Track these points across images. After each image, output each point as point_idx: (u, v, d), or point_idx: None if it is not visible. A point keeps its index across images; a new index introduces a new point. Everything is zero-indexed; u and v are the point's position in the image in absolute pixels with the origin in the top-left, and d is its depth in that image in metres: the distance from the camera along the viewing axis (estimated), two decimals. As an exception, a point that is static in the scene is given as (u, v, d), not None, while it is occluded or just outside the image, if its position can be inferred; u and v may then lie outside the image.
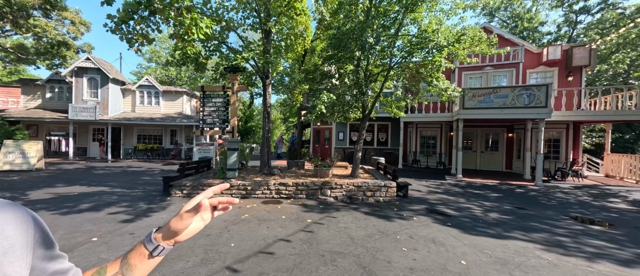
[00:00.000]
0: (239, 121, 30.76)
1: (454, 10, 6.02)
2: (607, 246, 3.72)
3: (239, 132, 32.39)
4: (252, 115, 33.37)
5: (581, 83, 10.55)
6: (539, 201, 6.52)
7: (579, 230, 4.44)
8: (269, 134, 7.39)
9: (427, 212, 5.19)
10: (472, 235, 4.00)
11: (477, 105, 9.38)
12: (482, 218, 4.91)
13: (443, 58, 5.74)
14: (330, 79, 5.99)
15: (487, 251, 3.40)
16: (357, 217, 4.65)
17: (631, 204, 6.52)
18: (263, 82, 7.30)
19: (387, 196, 6.02)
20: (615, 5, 14.10)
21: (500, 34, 11.86)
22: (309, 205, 5.32)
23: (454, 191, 7.46)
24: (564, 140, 10.68)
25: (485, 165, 12.22)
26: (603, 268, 3.06)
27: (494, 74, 11.42)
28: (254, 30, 6.95)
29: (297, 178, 6.40)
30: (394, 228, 4.11)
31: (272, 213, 4.61)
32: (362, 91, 5.54)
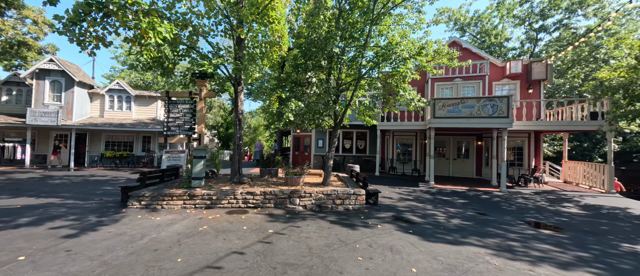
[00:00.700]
0: (220, 127, 29.99)
1: (419, 24, 6.32)
2: (551, 250, 3.94)
3: (220, 139, 31.54)
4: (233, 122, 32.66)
5: (540, 95, 11.40)
6: (500, 207, 6.84)
7: (531, 234, 4.68)
8: (240, 142, 7.24)
9: (393, 219, 5.26)
10: (431, 241, 4.09)
11: (446, 114, 9.80)
12: (444, 225, 5.05)
13: (409, 69, 5.97)
14: (301, 87, 6.02)
15: (441, 257, 3.48)
16: (321, 226, 4.60)
17: (582, 208, 7.01)
18: (235, 88, 7.19)
19: (356, 204, 6.04)
20: (568, 26, 15.63)
21: (468, 47, 12.61)
22: (275, 215, 5.21)
23: (424, 198, 7.64)
24: (526, 148, 11.40)
25: (457, 172, 12.70)
26: (543, 271, 3.22)
27: (463, 85, 12.05)
28: (226, 36, 6.88)
29: (267, 186, 6.27)
30: (355, 237, 4.11)
31: (234, 224, 4.45)
32: (332, 99, 5.60)
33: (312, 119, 6.45)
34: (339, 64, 5.82)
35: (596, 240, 4.53)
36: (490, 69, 11.97)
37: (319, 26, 5.11)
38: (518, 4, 17.03)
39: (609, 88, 7.46)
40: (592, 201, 7.84)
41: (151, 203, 5.31)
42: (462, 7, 19.32)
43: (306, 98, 6.25)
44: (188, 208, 5.34)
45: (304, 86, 5.94)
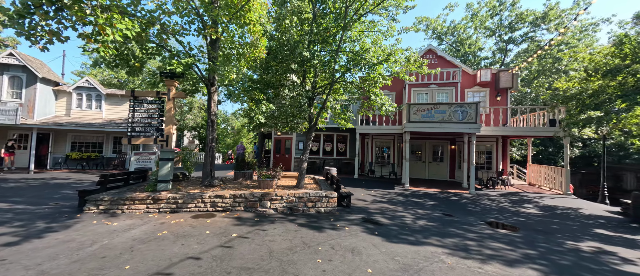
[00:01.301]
0: (201, 128, 29.10)
1: (390, 32, 6.54)
2: (503, 248, 4.19)
3: (201, 140, 30.57)
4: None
5: (507, 103, 12.12)
6: (466, 208, 7.16)
7: (488, 234, 4.95)
8: (213, 144, 7.08)
9: (362, 221, 5.35)
10: (394, 242, 4.20)
11: (421, 119, 10.16)
12: (410, 226, 5.21)
13: (381, 75, 6.15)
14: (273, 89, 6.00)
15: (399, 258, 3.59)
16: (289, 229, 4.59)
17: (539, 209, 7.50)
18: (208, 89, 7.04)
19: (328, 207, 6.08)
20: (533, 39, 16.89)
21: (442, 55, 13.20)
22: (243, 218, 5.12)
23: (397, 200, 7.84)
24: (495, 152, 12.05)
25: (432, 175, 13.16)
26: (491, 268, 3.42)
27: (438, 91, 12.57)
28: (199, 36, 6.73)
29: (239, 189, 6.16)
30: (320, 239, 4.14)
31: (197, 228, 4.33)
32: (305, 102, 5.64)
33: (285, 122, 6.45)
34: (312, 68, 5.89)
35: (545, 238, 4.87)
36: (462, 77, 12.58)
37: (286, 30, 5.14)
38: (489, 16, 18.16)
39: (564, 97, 8.09)
40: (550, 202, 8.42)
41: (110, 207, 5.03)
42: (440, 16, 20.31)
43: (279, 101, 6.24)
44: (151, 213, 5.13)
45: (276, 88, 5.93)
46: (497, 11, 18.03)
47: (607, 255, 4.11)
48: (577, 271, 3.44)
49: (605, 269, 3.59)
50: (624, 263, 3.81)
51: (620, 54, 7.11)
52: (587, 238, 4.95)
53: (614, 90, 7.18)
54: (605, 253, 4.22)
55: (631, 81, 6.99)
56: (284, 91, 6.03)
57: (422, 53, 13.56)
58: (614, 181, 24.19)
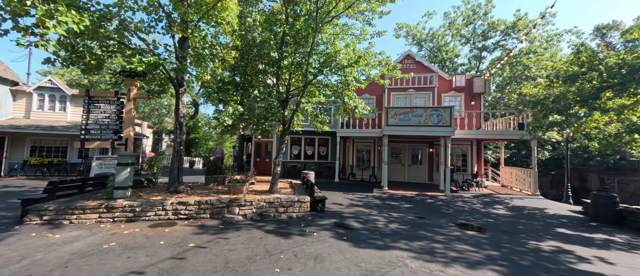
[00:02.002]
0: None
1: (364, 35, 6.57)
2: (468, 250, 4.21)
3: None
4: (197, 126, 30.75)
5: (481, 107, 12.60)
6: (440, 210, 7.24)
7: (456, 236, 4.98)
8: (181, 147, 6.73)
9: (333, 226, 5.22)
10: (361, 247, 4.10)
11: (398, 122, 10.29)
12: (381, 230, 5.15)
13: (354, 78, 6.13)
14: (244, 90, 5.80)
15: (362, 264, 3.48)
16: (254, 236, 4.37)
17: (508, 209, 7.74)
18: (176, 90, 6.71)
19: (300, 212, 5.91)
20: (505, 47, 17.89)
21: (420, 61, 13.55)
22: (207, 226, 4.84)
23: (373, 203, 7.81)
24: (469, 155, 12.43)
25: (412, 177, 13.35)
26: (452, 271, 3.39)
27: (416, 95, 12.85)
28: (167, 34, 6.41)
29: (206, 195, 5.85)
30: (285, 246, 3.96)
31: (151, 239, 4.01)
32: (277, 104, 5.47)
33: (256, 124, 6.24)
34: (283, 69, 5.76)
35: (510, 238, 4.97)
36: (439, 82, 12.96)
37: (250, 28, 5.00)
38: (464, 25, 19.02)
39: (530, 102, 8.48)
40: (519, 203, 8.74)
41: (56, 218, 4.57)
42: (420, 23, 21.00)
43: (249, 102, 6.04)
44: (104, 223, 4.71)
45: (246, 90, 5.73)
46: (471, 20, 18.94)
47: (565, 254, 4.24)
48: (534, 271, 3.49)
49: (561, 268, 3.67)
50: (579, 262, 3.94)
51: (577, 62, 7.57)
52: (548, 238, 5.11)
53: (573, 95, 7.61)
54: (563, 252, 4.36)
55: (588, 87, 7.45)
56: (254, 93, 5.84)
57: (401, 58, 13.86)
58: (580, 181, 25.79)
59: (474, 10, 18.63)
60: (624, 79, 6.64)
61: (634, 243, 5.01)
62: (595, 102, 7.02)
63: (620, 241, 5.14)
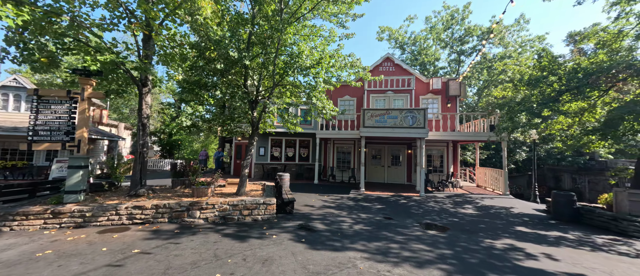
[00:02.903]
0: (161, 133, 27.19)
1: (332, 37, 6.60)
2: (423, 250, 4.25)
3: (162, 146, 28.52)
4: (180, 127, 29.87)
5: (456, 109, 12.93)
6: (410, 211, 7.32)
7: (416, 235, 5.03)
8: (144, 149, 6.50)
9: (296, 228, 5.17)
10: (317, 249, 4.06)
11: (374, 124, 10.40)
12: (344, 231, 5.13)
13: (320, 78, 6.13)
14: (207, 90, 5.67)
15: (311, 266, 3.44)
16: (208, 241, 4.25)
17: (477, 209, 7.92)
18: (139, 90, 6.49)
19: (266, 214, 5.82)
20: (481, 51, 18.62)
21: (399, 63, 13.79)
22: (162, 231, 4.67)
23: (346, 204, 7.80)
24: (446, 156, 12.72)
25: (391, 179, 13.50)
26: (399, 271, 3.40)
27: (394, 97, 13.05)
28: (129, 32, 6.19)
29: (166, 199, 5.66)
30: (237, 250, 3.86)
31: (94, 246, 3.82)
32: (238, 106, 5.38)
33: (222, 125, 6.11)
34: (248, 70, 5.67)
35: (468, 237, 5.07)
36: (416, 84, 13.22)
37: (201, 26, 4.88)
38: (443, 30, 19.61)
39: (497, 105, 8.77)
40: (488, 202, 8.97)
41: (-6, 224, 4.28)
42: (402, 27, 21.47)
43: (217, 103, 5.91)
44: (49, 229, 4.46)
45: (209, 90, 5.61)
46: (449, 25, 19.54)
47: (515, 251, 4.36)
48: (478, 269, 3.57)
49: (506, 265, 3.77)
50: (526, 259, 4.06)
51: (539, 67, 7.90)
52: (505, 236, 5.25)
53: (536, 98, 7.93)
54: (514, 249, 4.48)
55: (549, 90, 7.78)
56: (216, 93, 5.73)
57: (381, 61, 14.06)
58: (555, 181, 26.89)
59: (453, 16, 19.25)
60: (580, 83, 6.98)
61: (584, 240, 5.23)
62: (554, 105, 7.34)
63: (572, 238, 5.35)
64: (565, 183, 25.26)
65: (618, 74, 6.55)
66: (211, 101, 6.01)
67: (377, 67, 14.09)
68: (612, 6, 7.15)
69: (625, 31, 7.16)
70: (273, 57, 5.77)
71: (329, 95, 14.30)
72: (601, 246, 4.87)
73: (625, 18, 7.06)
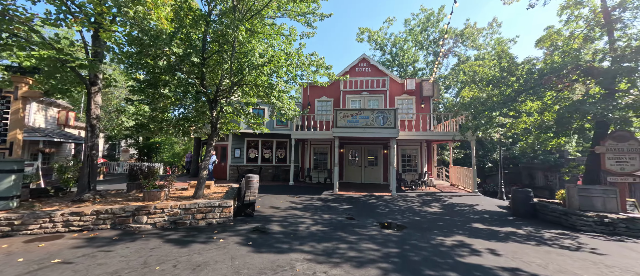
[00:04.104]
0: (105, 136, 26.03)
1: (294, 36, 6.52)
2: (370, 249, 4.20)
3: (141, 148, 27.43)
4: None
5: (430, 109, 13.17)
6: (375, 211, 7.31)
7: (371, 235, 4.99)
8: (94, 152, 6.13)
9: (250, 231, 5.00)
10: (261, 252, 3.93)
11: (347, 124, 10.39)
12: (299, 232, 5.02)
13: (280, 79, 6.02)
14: (155, 88, 5.42)
15: (245, 270, 3.30)
16: (146, 247, 4.01)
17: (442, 207, 8.03)
18: (88, 89, 6.13)
19: (222, 217, 5.62)
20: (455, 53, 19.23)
21: (375, 64, 13.92)
22: (100, 237, 4.38)
23: (314, 205, 7.70)
24: (420, 155, 12.91)
25: (368, 179, 13.55)
26: (336, 272, 3.33)
27: (369, 98, 13.14)
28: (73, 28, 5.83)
29: (112, 203, 5.35)
30: (172, 256, 3.66)
31: (11, 256, 3.51)
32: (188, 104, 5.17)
33: (175, 126, 5.87)
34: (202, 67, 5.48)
35: (421, 235, 5.09)
36: (391, 85, 13.38)
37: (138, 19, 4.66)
38: (419, 32, 20.09)
39: (462, 105, 8.97)
40: (456, 200, 9.13)
41: None
42: (382, 29, 21.80)
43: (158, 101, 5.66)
44: (-33, 239, 4.07)
45: (157, 88, 5.37)
46: (425, 27, 20.05)
47: (462, 248, 4.40)
48: (417, 267, 3.55)
49: (447, 261, 3.78)
50: (470, 255, 4.09)
51: (499, 67, 8.16)
52: (459, 233, 5.31)
53: (497, 98, 8.17)
54: (462, 246, 4.53)
55: (508, 90, 8.04)
56: (164, 92, 5.49)
57: (357, 61, 14.14)
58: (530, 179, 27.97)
59: (428, 18, 19.77)
60: (536, 83, 7.25)
61: (533, 235, 5.37)
62: (512, 104, 7.58)
63: (522, 233, 5.49)
64: (539, 180, 26.31)
65: (569, 74, 6.84)
66: (165, 100, 5.76)
67: (354, 68, 14.16)
68: (563, 10, 7.49)
69: (576, 34, 7.52)
70: (230, 56, 5.61)
71: (306, 95, 14.23)
72: (547, 240, 5.02)
73: (575, 21, 7.41)
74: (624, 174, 6.41)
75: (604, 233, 5.64)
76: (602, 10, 6.69)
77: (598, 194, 6.30)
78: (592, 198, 6.32)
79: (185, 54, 4.66)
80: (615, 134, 6.48)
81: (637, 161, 6.37)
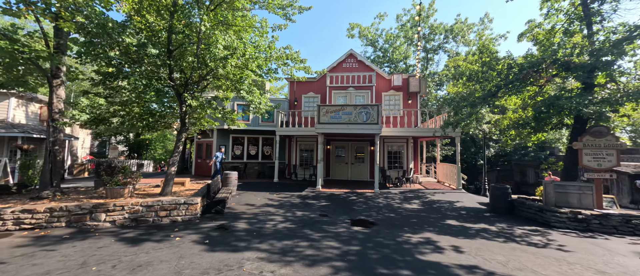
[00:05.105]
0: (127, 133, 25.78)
1: (265, 29, 6.31)
2: (329, 247, 4.06)
3: (130, 145, 27.09)
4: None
5: (417, 105, 13.04)
6: (352, 207, 7.17)
7: (337, 232, 4.85)
8: (56, 148, 5.93)
9: (213, 229, 4.84)
10: (213, 251, 3.77)
11: (329, 120, 10.22)
12: (264, 230, 4.87)
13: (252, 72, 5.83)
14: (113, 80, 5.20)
15: (188, 270, 3.14)
16: (94, 246, 3.84)
17: (422, 204, 7.91)
18: (49, 82, 5.91)
19: (187, 215, 5.45)
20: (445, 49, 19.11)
21: (362, 60, 13.74)
22: (50, 236, 4.20)
23: (291, 202, 7.55)
24: (406, 152, 12.80)
25: (354, 175, 13.43)
26: (286, 271, 3.18)
27: (356, 94, 12.98)
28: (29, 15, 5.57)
29: (72, 201, 5.16)
30: (117, 256, 3.49)
31: (-57, 256, 3.32)
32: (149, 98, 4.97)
33: (141, 120, 5.67)
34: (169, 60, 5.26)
35: (390, 232, 4.96)
36: (378, 81, 13.21)
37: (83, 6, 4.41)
38: (409, 28, 19.89)
39: (445, 101, 8.83)
40: (438, 197, 9.02)
41: None
42: (373, 24, 21.57)
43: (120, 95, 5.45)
44: None
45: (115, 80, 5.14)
46: (416, 23, 19.83)
47: (426, 245, 4.28)
48: (372, 265, 3.41)
49: (406, 259, 3.65)
50: (432, 252, 3.97)
51: (480, 62, 8.01)
52: (429, 230, 5.19)
53: (479, 94, 8.04)
54: (427, 243, 4.40)
55: (490, 86, 7.91)
56: (122, 83, 5.28)
57: (345, 57, 13.94)
58: (521, 176, 28.05)
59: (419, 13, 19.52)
60: (515, 78, 7.12)
61: (504, 232, 5.27)
62: (492, 99, 7.45)
63: (494, 230, 5.39)
64: (530, 177, 26.39)
65: (547, 68, 6.72)
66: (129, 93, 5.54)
67: (341, 63, 13.97)
68: (544, 2, 7.34)
69: (557, 28, 7.38)
70: (195, 48, 5.39)
71: (292, 91, 14.01)
72: (516, 237, 4.92)
73: (556, 14, 7.27)
74: (601, 170, 6.32)
75: (577, 229, 5.56)
76: (582, 2, 6.56)
77: (574, 191, 6.22)
78: (568, 195, 6.24)
79: (140, 44, 4.45)
80: (592, 129, 6.38)
81: (614, 157, 6.28)
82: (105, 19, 4.24)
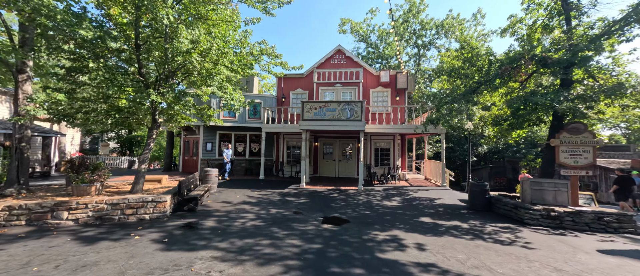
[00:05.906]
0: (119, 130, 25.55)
1: (238, 23, 6.16)
2: (290, 246, 3.99)
3: (122, 142, 26.88)
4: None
5: (405, 102, 12.94)
6: (330, 205, 7.11)
7: (304, 230, 4.78)
8: (23, 144, 5.79)
9: (178, 228, 4.76)
10: (168, 251, 3.69)
11: (313, 117, 10.11)
12: (230, 229, 4.79)
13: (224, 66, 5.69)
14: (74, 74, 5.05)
15: (133, 270, 3.06)
16: (46, 245, 3.75)
17: (402, 201, 7.86)
18: (15, 77, 5.74)
19: (155, 213, 5.36)
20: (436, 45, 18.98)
21: (350, 56, 13.57)
22: (4, 235, 4.10)
23: (269, 200, 7.48)
24: (392, 149, 12.74)
25: (342, 172, 13.37)
26: (235, 270, 3.11)
27: (343, 90, 12.85)
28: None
29: (37, 198, 5.05)
30: (65, 255, 3.40)
31: None
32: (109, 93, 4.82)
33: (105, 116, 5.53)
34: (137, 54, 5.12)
35: (359, 230, 4.90)
36: (365, 77, 13.08)
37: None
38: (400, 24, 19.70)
39: (428, 97, 8.74)
40: (420, 194, 8.99)
41: None
42: (366, 20, 21.33)
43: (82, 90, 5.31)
44: None
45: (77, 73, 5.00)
46: (407, 18, 19.65)
47: (390, 243, 4.22)
48: (326, 264, 3.35)
49: (364, 257, 3.59)
50: (394, 250, 3.91)
51: (462, 58, 7.91)
52: (399, 227, 5.14)
53: (460, 90, 7.96)
54: (393, 240, 4.35)
55: (471, 82, 7.82)
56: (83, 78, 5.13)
57: (333, 53, 13.76)
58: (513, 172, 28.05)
59: (410, 9, 19.36)
60: (495, 74, 7.03)
61: (475, 229, 5.23)
62: (472, 96, 7.37)
63: (465, 227, 5.35)
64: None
65: (526, 64, 6.63)
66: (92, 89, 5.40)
67: (329, 59, 13.80)
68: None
69: (538, 24, 7.28)
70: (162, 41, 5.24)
71: (280, 88, 13.86)
72: (485, 234, 4.87)
73: (537, 9, 7.16)
74: (578, 167, 6.28)
75: (550, 226, 5.53)
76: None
77: (550, 188, 6.19)
78: (543, 191, 6.21)
79: (96, 37, 4.30)
80: (569, 126, 6.33)
81: (590, 154, 6.24)
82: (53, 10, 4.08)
